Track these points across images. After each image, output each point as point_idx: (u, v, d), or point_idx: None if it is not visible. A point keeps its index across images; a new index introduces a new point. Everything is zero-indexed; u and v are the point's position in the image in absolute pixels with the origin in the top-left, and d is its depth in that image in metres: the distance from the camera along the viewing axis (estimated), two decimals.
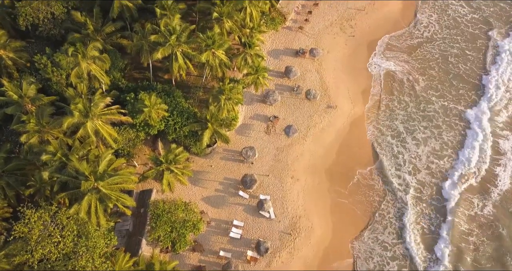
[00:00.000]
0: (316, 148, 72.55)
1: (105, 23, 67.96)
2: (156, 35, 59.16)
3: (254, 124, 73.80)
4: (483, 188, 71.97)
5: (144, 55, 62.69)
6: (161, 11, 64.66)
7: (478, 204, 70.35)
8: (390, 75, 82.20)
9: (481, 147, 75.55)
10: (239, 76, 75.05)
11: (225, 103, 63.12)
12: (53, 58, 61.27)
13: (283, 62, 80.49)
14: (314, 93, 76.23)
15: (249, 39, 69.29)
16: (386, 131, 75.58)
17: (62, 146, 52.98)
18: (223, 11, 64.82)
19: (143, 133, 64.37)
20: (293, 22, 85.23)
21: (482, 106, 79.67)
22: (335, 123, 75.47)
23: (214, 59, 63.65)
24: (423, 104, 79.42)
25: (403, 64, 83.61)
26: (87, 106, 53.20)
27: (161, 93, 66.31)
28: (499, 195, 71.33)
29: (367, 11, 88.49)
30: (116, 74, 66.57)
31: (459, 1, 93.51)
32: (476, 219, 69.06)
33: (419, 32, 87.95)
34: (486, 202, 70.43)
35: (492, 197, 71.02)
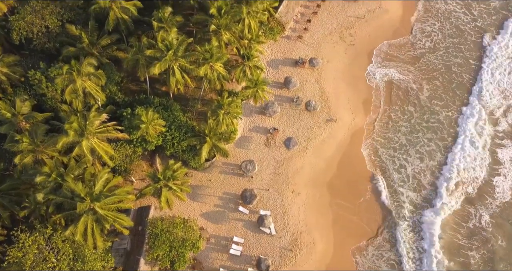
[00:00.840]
0: (316, 160, 71.30)
1: (100, 36, 66.64)
2: (153, 50, 57.86)
3: (253, 137, 72.53)
4: (482, 199, 70.90)
5: (141, 70, 61.37)
6: (158, 24, 63.33)
7: (476, 216, 69.24)
8: (391, 84, 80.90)
9: (479, 156, 74.42)
10: (238, 88, 73.84)
11: (224, 118, 61.84)
12: (47, 73, 60.06)
13: (282, 72, 79.23)
14: (314, 104, 74.98)
15: (247, 51, 67.98)
16: (388, 143, 74.27)
17: (57, 166, 51.61)
18: (220, 24, 63.52)
19: (140, 149, 63.09)
20: (292, 31, 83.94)
21: (478, 111, 78.94)
22: (336, 135, 74.23)
23: (212, 72, 62.39)
24: (420, 114, 78.27)
25: (404, 73, 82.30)
26: (82, 125, 51.86)
27: (159, 107, 65.03)
28: (498, 207, 70.24)
29: (366, 19, 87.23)
30: (112, 88, 65.22)
31: (462, 9, 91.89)
32: (475, 232, 67.95)
33: (421, 41, 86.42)
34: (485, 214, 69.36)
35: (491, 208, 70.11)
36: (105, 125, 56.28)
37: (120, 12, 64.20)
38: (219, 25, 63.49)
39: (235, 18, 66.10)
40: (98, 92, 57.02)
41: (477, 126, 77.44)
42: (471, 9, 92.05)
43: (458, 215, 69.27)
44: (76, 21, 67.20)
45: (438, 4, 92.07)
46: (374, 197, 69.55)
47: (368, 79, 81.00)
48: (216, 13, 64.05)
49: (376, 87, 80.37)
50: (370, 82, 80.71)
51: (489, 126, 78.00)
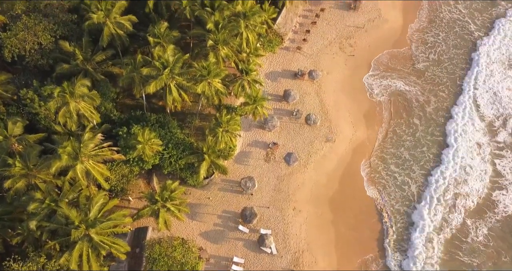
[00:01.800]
0: (318, 176, 69.77)
1: (95, 51, 64.95)
2: (149, 68, 56.16)
3: (253, 152, 70.99)
4: (482, 213, 69.71)
5: (136, 88, 59.74)
6: (154, 39, 61.68)
7: (476, 230, 67.99)
8: (392, 97, 79.46)
9: (478, 168, 73.33)
10: (237, 102, 72.30)
11: (223, 136, 60.27)
12: (40, 92, 58.39)
13: (282, 85, 77.74)
14: (314, 118, 73.47)
15: (246, 66, 66.45)
16: (390, 159, 72.75)
17: (50, 191, 49.96)
18: (218, 38, 61.89)
19: (137, 168, 61.46)
20: (290, 41, 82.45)
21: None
22: (337, 149, 72.73)
23: (210, 89, 60.77)
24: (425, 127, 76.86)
25: (404, 84, 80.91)
26: (76, 148, 50.18)
27: (155, 125, 63.41)
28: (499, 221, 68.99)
29: (366, 29, 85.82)
30: (107, 105, 63.51)
31: (464, 18, 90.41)
32: (476, 248, 66.73)
33: (424, 54, 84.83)
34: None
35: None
36: (100, 146, 54.64)
37: (114, 28, 62.53)
38: (217, 40, 61.88)
39: (232, 32, 64.49)
40: (92, 113, 55.37)
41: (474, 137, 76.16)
42: (474, 18, 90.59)
43: (458, 231, 67.75)
44: (70, 37, 65.42)
45: (442, 13, 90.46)
46: (377, 214, 67.98)
47: (368, 92, 79.41)
48: (214, 28, 62.44)
49: (377, 99, 78.77)
50: (370, 95, 79.07)
51: (488, 137, 76.67)
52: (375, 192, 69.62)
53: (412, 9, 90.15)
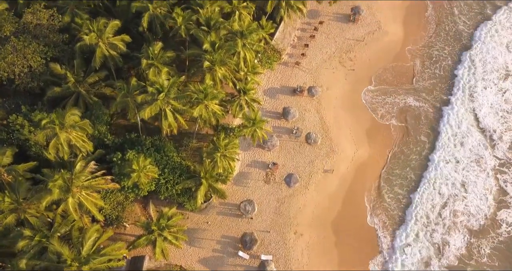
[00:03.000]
0: (319, 197, 67.71)
1: (87, 73, 62.82)
2: (143, 95, 53.90)
3: (252, 173, 68.88)
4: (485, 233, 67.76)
5: (131, 112, 57.63)
6: (147, 61, 59.47)
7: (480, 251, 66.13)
8: (395, 112, 77.43)
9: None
10: (235, 121, 70.25)
11: (221, 161, 58.14)
12: (31, 117, 56.19)
13: (280, 102, 75.63)
14: (314, 137, 71.43)
15: (244, 86, 64.42)
16: (396, 180, 70.67)
17: (41, 226, 47.71)
18: (215, 59, 59.71)
19: (132, 195, 59.29)
20: (289, 56, 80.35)
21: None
22: (339, 168, 70.65)
23: (207, 112, 58.63)
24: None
25: (405, 99, 78.95)
26: (68, 180, 47.94)
27: (151, 149, 61.17)
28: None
29: (366, 42, 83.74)
30: (101, 128, 61.25)
31: (470, 29, 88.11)
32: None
33: (429, 68, 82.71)
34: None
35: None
36: (94, 175, 52.41)
37: (107, 49, 60.36)
38: (213, 61, 59.72)
39: (229, 52, 62.36)
40: (85, 142, 53.07)
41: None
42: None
43: (463, 251, 65.87)
44: (61, 58, 63.30)
45: (448, 25, 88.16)
46: (383, 236, 66.05)
47: (369, 108, 77.31)
48: (210, 48, 60.27)
49: (378, 115, 76.75)
50: (372, 112, 77.00)
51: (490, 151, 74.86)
52: (378, 214, 67.56)
53: (414, 21, 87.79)
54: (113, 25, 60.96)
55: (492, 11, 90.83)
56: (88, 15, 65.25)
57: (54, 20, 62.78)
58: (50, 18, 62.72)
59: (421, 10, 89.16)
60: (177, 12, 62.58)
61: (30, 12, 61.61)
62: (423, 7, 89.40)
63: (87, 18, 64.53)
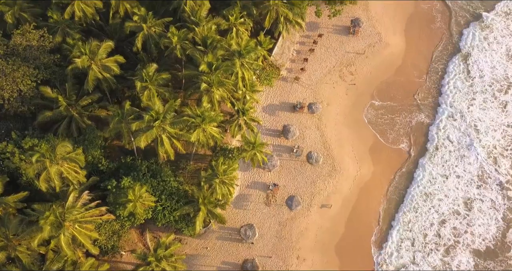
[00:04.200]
0: (322, 220, 65.68)
1: (80, 95, 60.61)
2: (137, 122, 51.67)
3: (252, 195, 66.79)
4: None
5: (125, 139, 55.50)
6: (141, 83, 57.20)
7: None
8: (398, 129, 75.44)
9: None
10: (233, 141, 68.17)
11: (220, 187, 56.01)
12: (21, 144, 54.00)
13: (280, 119, 73.47)
14: (316, 156, 69.36)
15: (242, 106, 62.33)
16: (401, 199, 68.69)
17: (32, 264, 45.45)
18: (212, 81, 57.51)
19: (128, 223, 57.06)
20: (288, 71, 78.12)
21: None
22: (341, 189, 68.64)
23: (204, 135, 56.48)
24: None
25: (408, 115, 76.92)
26: (60, 215, 45.68)
27: (147, 174, 58.98)
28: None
29: (367, 55, 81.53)
30: (94, 152, 58.89)
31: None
32: None
33: (434, 84, 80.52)
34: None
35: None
36: (87, 207, 50.20)
37: (100, 71, 58.09)
38: (211, 83, 57.52)
39: (227, 72, 60.18)
40: (78, 173, 50.81)
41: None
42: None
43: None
44: (53, 80, 61.04)
45: (454, 38, 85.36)
46: (388, 259, 64.01)
47: (371, 124, 75.25)
48: (207, 69, 58.03)
49: (380, 133, 74.73)
50: (374, 128, 74.94)
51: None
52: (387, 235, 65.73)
53: (415, 32, 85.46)
54: (106, 46, 58.73)
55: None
56: (80, 35, 63.20)
57: (45, 41, 60.54)
58: (40, 39, 60.50)
59: (422, 21, 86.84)
60: (172, 32, 60.34)
61: (19, 33, 59.39)
62: (424, 18, 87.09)
63: (79, 38, 62.52)
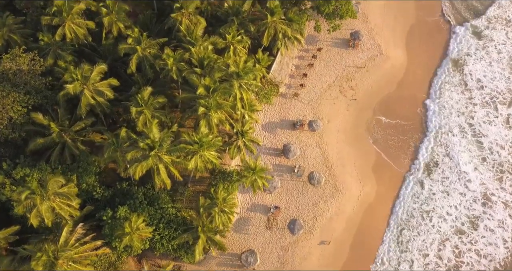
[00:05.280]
0: (325, 243, 63.66)
1: (73, 120, 58.56)
2: (133, 152, 49.61)
3: (252, 218, 64.84)
4: None
5: (121, 166, 53.40)
6: (137, 108, 55.15)
7: None
8: (400, 146, 73.60)
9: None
10: (232, 164, 66.22)
11: (219, 216, 54.00)
12: (12, 175, 51.96)
13: (280, 137, 71.53)
14: (318, 177, 67.45)
15: (241, 128, 60.40)
16: (407, 221, 66.83)
17: None
18: (210, 104, 55.48)
19: (125, 253, 55.02)
20: (287, 87, 76.14)
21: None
22: (345, 210, 66.76)
23: (202, 161, 54.49)
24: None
25: (409, 133, 75.05)
26: (53, 253, 43.64)
27: (143, 202, 56.92)
28: None
29: (367, 69, 79.63)
30: (89, 179, 56.74)
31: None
32: None
33: (438, 98, 78.57)
34: None
35: None
36: (81, 241, 48.16)
37: (93, 96, 56.01)
38: (208, 107, 55.50)
39: (225, 94, 58.16)
40: (71, 207, 48.71)
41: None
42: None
43: None
44: (45, 104, 58.93)
45: (457, 49, 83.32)
46: None
47: (372, 140, 73.42)
48: (204, 92, 56.02)
49: (383, 150, 72.88)
50: (377, 145, 73.11)
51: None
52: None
53: (415, 45, 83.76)
54: (99, 69, 56.62)
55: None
56: (72, 57, 61.21)
57: (36, 65, 58.38)
58: (30, 62, 58.34)
59: (423, 32, 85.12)
60: (167, 53, 58.33)
61: (8, 58, 57.24)
62: (425, 29, 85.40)
63: (71, 60, 60.60)
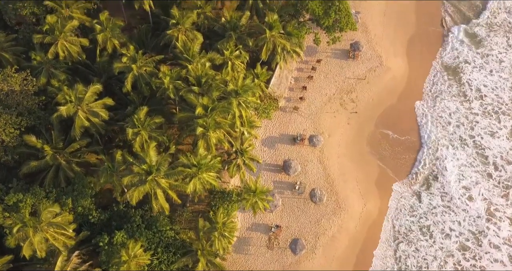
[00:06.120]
0: (328, 263, 62.31)
1: (67, 141, 56.92)
2: (129, 177, 48.03)
3: (253, 238, 63.33)
4: None
5: (117, 191, 51.76)
6: (133, 130, 53.53)
7: None
8: (403, 161, 72.20)
9: None
10: (231, 182, 64.66)
11: (219, 241, 52.42)
12: (5, 202, 50.24)
13: (280, 152, 70.00)
14: (319, 194, 65.94)
15: (241, 147, 58.88)
16: (414, 238, 65.46)
17: None
18: (208, 124, 53.90)
19: None
20: (286, 101, 74.58)
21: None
22: (347, 227, 65.29)
23: (201, 183, 52.88)
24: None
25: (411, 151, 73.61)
26: None
27: (141, 226, 55.25)
28: None
29: (368, 80, 78.12)
30: (84, 202, 55.01)
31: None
32: None
33: (441, 112, 76.95)
34: None
35: None
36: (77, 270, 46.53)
37: (88, 116, 54.37)
38: (207, 127, 53.91)
39: (224, 113, 56.58)
40: (65, 236, 47.06)
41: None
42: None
43: None
44: (38, 125, 57.27)
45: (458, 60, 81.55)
46: None
47: (376, 156, 71.97)
48: (203, 112, 54.40)
49: (386, 165, 71.45)
50: (380, 160, 71.65)
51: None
52: None
53: (416, 55, 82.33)
54: (93, 89, 55.12)
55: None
56: (66, 75, 59.76)
57: (28, 85, 56.74)
58: (23, 82, 56.69)
59: (424, 42, 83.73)
60: (164, 72, 56.78)
61: (0, 78, 55.42)
62: (426, 39, 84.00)
63: (64, 79, 59.01)
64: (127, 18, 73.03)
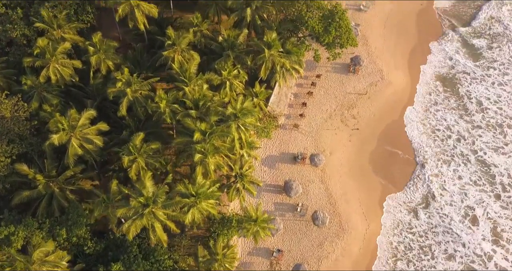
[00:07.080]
0: None
1: (61, 168, 54.92)
2: (124, 209, 46.18)
3: (254, 263, 61.50)
4: None
5: (113, 222, 49.89)
6: (129, 157, 51.61)
7: None
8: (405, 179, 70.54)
9: None
10: (231, 206, 62.84)
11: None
12: None
13: (281, 172, 68.20)
14: (322, 217, 64.14)
15: (240, 171, 57.04)
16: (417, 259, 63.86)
17: None
18: (206, 150, 52.02)
19: None
20: (286, 118, 72.79)
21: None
22: (351, 250, 63.52)
23: (200, 212, 51.03)
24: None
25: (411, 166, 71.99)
26: None
27: (138, 256, 53.29)
28: None
29: (369, 96, 76.42)
30: (79, 231, 52.99)
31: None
32: None
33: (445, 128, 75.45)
34: None
35: None
36: None
37: (82, 144, 52.43)
38: (205, 152, 52.03)
39: (223, 137, 54.69)
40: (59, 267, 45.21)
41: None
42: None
43: None
44: (30, 152, 55.26)
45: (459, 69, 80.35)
46: None
47: (379, 174, 70.23)
48: (201, 137, 52.49)
49: (388, 181, 69.79)
50: (383, 178, 69.93)
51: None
52: None
53: (419, 67, 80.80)
54: (87, 116, 53.20)
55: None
56: (58, 99, 57.85)
57: (19, 111, 54.73)
58: (13, 108, 54.66)
59: (425, 54, 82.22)
60: (160, 95, 54.89)
61: None
62: (427, 51, 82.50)
63: (57, 103, 57.06)
64: (122, 34, 71.36)
